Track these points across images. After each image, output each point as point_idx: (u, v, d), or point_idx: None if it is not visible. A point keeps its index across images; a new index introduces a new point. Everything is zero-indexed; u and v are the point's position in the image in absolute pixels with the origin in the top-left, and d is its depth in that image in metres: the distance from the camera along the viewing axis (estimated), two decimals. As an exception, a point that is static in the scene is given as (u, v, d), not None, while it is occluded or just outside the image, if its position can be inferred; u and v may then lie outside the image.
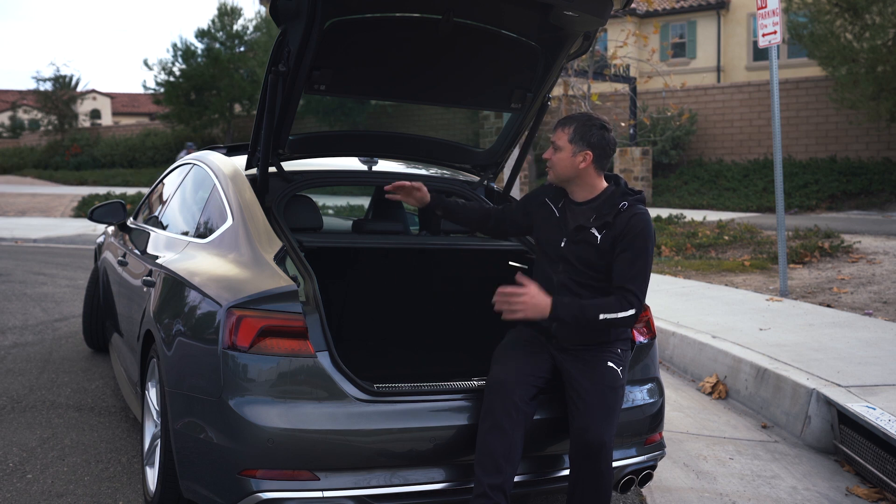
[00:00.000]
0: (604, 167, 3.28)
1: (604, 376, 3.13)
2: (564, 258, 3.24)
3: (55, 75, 36.54)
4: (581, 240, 3.21)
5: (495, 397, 3.06)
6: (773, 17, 7.55)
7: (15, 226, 17.55)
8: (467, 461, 3.08)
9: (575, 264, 3.21)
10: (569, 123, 3.26)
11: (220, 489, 2.97)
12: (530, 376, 3.13)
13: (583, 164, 3.22)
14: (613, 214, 3.18)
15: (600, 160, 3.24)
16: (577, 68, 15.12)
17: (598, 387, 3.10)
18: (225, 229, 3.58)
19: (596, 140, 3.21)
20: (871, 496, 3.93)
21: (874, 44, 16.06)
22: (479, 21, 3.59)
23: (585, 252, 3.19)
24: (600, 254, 3.17)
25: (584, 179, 3.25)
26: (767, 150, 19.90)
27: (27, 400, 5.16)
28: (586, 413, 3.05)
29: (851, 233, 11.79)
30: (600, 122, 3.25)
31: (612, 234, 3.16)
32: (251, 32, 30.15)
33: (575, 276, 3.22)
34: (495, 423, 3.01)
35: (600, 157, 3.23)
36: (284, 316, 2.95)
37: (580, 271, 3.20)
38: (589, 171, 3.24)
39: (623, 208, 3.18)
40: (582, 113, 3.32)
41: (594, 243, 3.18)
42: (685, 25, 29.09)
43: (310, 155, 4.03)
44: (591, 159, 3.21)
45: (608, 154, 3.26)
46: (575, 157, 3.21)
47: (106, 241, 6.06)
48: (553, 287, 3.23)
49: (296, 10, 3.17)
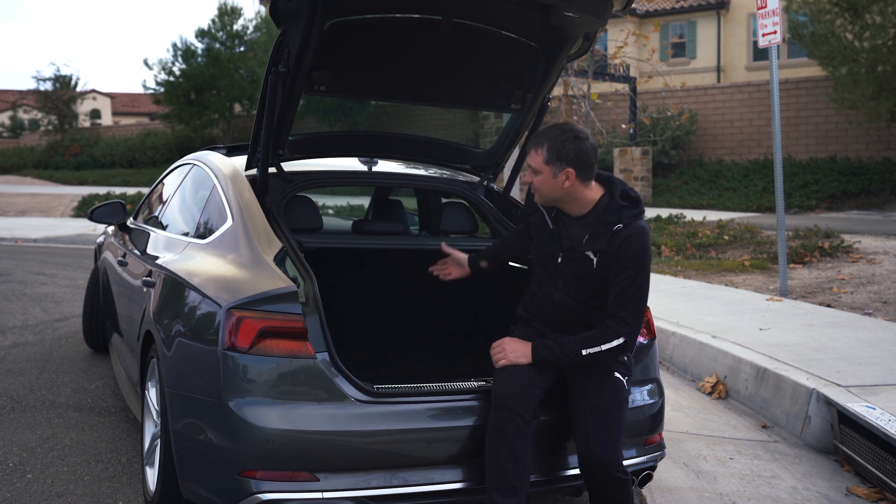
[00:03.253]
0: (590, 177, 3.13)
1: (610, 390, 3.09)
2: (563, 274, 3.17)
3: (55, 75, 36.49)
4: (577, 260, 3.12)
5: (504, 414, 3.00)
6: (773, 16, 7.55)
7: (15, 226, 17.55)
8: (467, 462, 3.08)
9: (573, 282, 3.15)
10: (540, 143, 3.12)
11: (219, 490, 2.97)
12: (535, 387, 3.10)
13: (567, 182, 3.09)
14: (608, 238, 3.06)
15: (584, 173, 3.10)
16: (577, 68, 15.13)
17: (606, 401, 3.07)
18: (225, 230, 3.58)
19: (573, 156, 3.06)
20: (871, 496, 3.93)
21: (875, 43, 16.05)
22: (479, 22, 3.59)
23: (581, 272, 3.12)
24: (596, 276, 3.10)
25: (573, 196, 3.13)
26: (767, 150, 19.90)
27: (27, 400, 5.16)
28: (592, 433, 3.03)
29: (851, 233, 11.78)
30: (573, 134, 3.09)
31: (607, 258, 3.06)
32: (251, 32, 30.12)
33: (575, 295, 3.16)
34: (507, 442, 2.98)
35: (582, 170, 3.09)
36: (284, 317, 2.95)
37: (579, 289, 3.15)
38: (575, 187, 3.10)
39: (618, 231, 3.06)
40: (551, 127, 3.17)
41: (589, 267, 3.10)
42: (685, 25, 29.10)
43: (309, 155, 4.03)
44: (573, 176, 3.08)
45: (590, 164, 3.11)
46: (556, 178, 3.09)
47: (106, 241, 6.06)
48: (555, 306, 3.19)
49: (296, 10, 3.17)
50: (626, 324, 3.04)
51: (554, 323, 3.25)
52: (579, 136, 3.09)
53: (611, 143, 19.49)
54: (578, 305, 3.17)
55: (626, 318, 3.04)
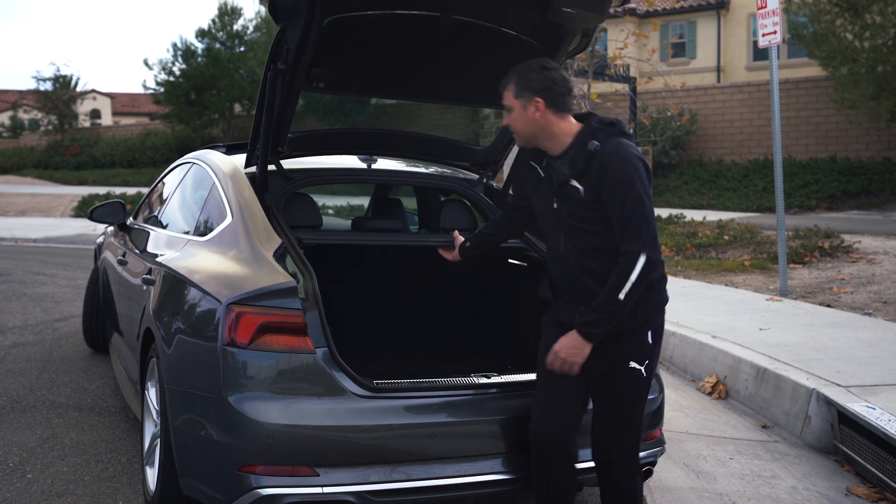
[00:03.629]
0: (563, 107, 2.96)
1: (626, 385, 2.96)
2: (562, 220, 2.97)
3: (55, 75, 36.48)
4: (568, 195, 2.92)
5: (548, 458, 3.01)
6: (773, 17, 7.55)
7: (15, 226, 17.54)
8: (468, 456, 3.08)
9: (574, 225, 2.93)
10: (509, 80, 2.99)
11: (219, 486, 2.96)
12: (574, 407, 3.02)
13: (537, 113, 2.93)
14: (587, 160, 2.87)
15: (555, 101, 2.93)
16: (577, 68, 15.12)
17: (619, 396, 2.98)
18: (224, 227, 3.58)
19: (539, 83, 2.92)
20: (871, 496, 3.93)
21: (875, 43, 16.05)
22: (477, 19, 3.59)
23: (576, 208, 2.90)
24: (591, 208, 2.87)
25: (549, 130, 2.96)
26: (767, 150, 19.90)
27: (27, 400, 5.16)
28: (604, 428, 3.00)
29: (851, 233, 11.78)
30: (539, 64, 2.97)
31: (591, 183, 2.85)
32: (251, 32, 30.12)
33: (578, 243, 2.94)
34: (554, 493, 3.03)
35: (553, 98, 2.93)
36: (284, 312, 2.95)
37: (582, 234, 2.92)
38: (548, 118, 2.94)
39: (595, 150, 2.86)
40: (520, 65, 3.02)
41: (580, 198, 2.88)
42: (685, 25, 29.10)
43: (309, 153, 4.03)
44: (543, 105, 2.92)
45: (561, 92, 2.94)
46: (527, 110, 2.94)
47: (106, 240, 6.07)
48: (565, 264, 2.99)
49: (294, 7, 3.17)
50: (638, 238, 2.77)
51: (571, 285, 3.00)
52: (546, 66, 2.97)
53: (611, 143, 19.45)
54: (585, 257, 2.94)
55: (635, 234, 2.78)
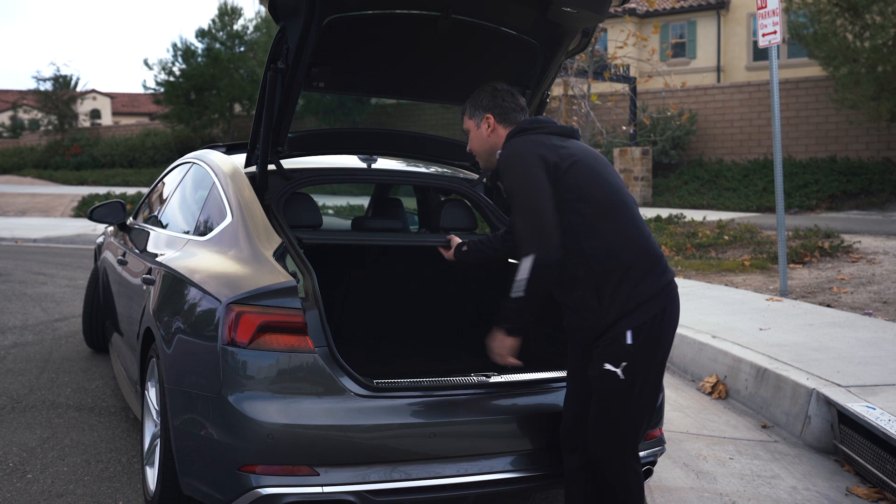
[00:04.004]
0: (512, 122, 3.07)
1: (602, 386, 2.92)
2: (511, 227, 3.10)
3: (55, 75, 36.50)
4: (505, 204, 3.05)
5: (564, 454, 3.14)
6: (773, 17, 7.55)
7: (15, 226, 17.55)
8: (467, 456, 3.08)
9: None
10: (464, 106, 3.16)
11: (219, 485, 2.96)
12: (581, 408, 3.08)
13: (489, 130, 3.08)
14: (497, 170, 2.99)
15: (503, 116, 3.07)
16: (577, 68, 15.11)
17: (597, 395, 2.96)
18: (224, 226, 3.58)
19: (487, 101, 3.08)
20: (871, 496, 3.93)
21: (875, 43, 16.04)
22: (477, 18, 3.59)
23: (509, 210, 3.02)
24: None
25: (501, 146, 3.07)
26: (767, 150, 19.89)
27: (27, 400, 5.16)
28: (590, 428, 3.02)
29: (851, 233, 11.77)
30: (490, 87, 3.11)
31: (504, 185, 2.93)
32: (251, 32, 30.14)
33: None
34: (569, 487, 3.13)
35: (501, 113, 3.07)
36: (284, 311, 2.95)
37: None
38: (499, 134, 3.08)
39: (499, 156, 2.99)
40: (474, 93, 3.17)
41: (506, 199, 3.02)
42: (685, 25, 29.09)
43: (309, 152, 4.03)
44: (493, 120, 3.08)
45: (507, 107, 3.08)
46: (480, 129, 3.11)
47: (106, 240, 6.07)
48: None
49: (294, 6, 3.17)
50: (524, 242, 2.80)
51: None
52: (496, 87, 3.10)
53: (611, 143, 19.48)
54: None
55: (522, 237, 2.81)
